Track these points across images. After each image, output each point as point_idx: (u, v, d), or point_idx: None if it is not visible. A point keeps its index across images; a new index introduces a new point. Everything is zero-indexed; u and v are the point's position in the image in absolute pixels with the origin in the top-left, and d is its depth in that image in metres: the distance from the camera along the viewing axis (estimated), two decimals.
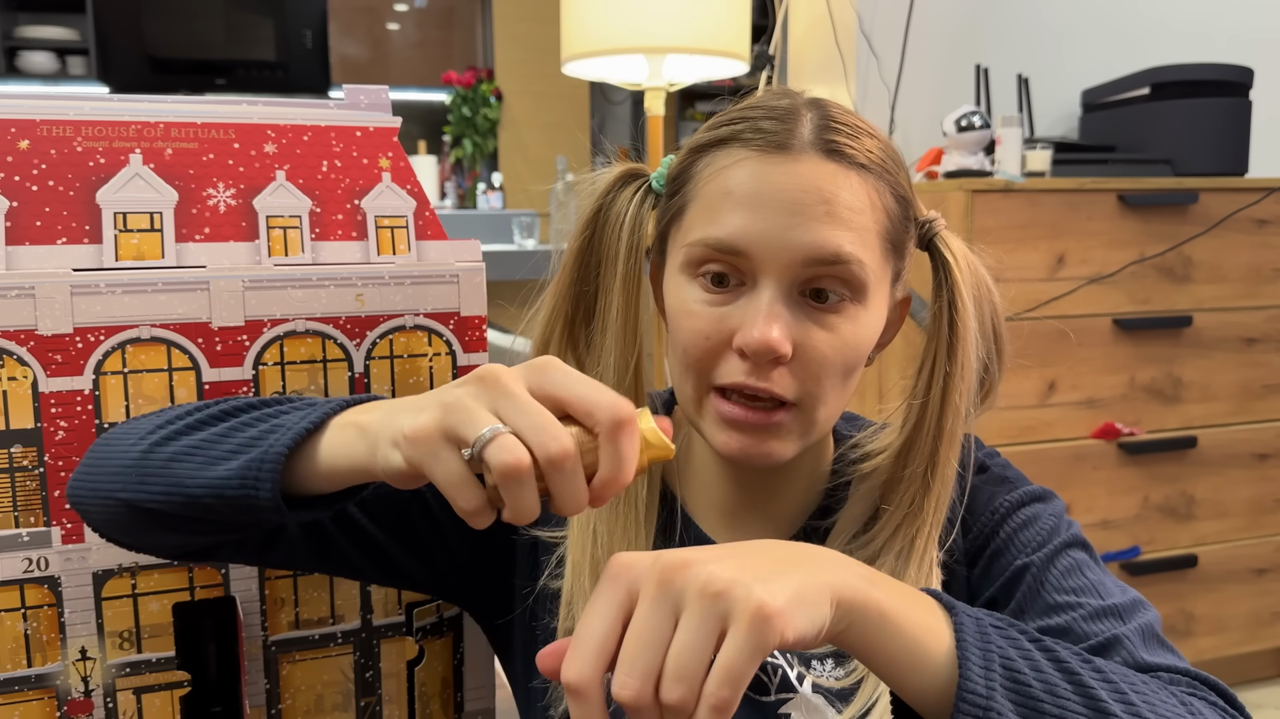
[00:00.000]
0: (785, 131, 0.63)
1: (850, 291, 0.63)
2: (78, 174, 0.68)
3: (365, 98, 0.76)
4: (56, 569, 0.67)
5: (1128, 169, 1.97)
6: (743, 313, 0.63)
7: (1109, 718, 0.49)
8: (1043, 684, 0.49)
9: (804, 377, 0.63)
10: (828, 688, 0.68)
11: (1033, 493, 0.71)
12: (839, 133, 0.63)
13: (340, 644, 0.76)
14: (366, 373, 0.74)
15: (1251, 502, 2.07)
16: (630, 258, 0.70)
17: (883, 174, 0.64)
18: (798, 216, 0.61)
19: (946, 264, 0.68)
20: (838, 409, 0.67)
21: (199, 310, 0.69)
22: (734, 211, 0.62)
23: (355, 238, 0.74)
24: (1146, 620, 0.64)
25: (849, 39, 2.15)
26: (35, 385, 0.66)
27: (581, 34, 1.87)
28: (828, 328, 0.63)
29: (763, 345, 0.60)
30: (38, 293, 0.65)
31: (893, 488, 0.70)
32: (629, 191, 0.71)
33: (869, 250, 0.63)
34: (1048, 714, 0.48)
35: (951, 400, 0.67)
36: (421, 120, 4.56)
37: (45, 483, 0.67)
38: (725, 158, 0.64)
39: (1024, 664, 0.49)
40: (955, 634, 0.49)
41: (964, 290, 0.67)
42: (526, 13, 4.43)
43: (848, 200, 0.62)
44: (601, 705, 0.43)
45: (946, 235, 0.69)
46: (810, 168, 0.62)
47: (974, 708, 0.47)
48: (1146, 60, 2.17)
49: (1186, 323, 1.96)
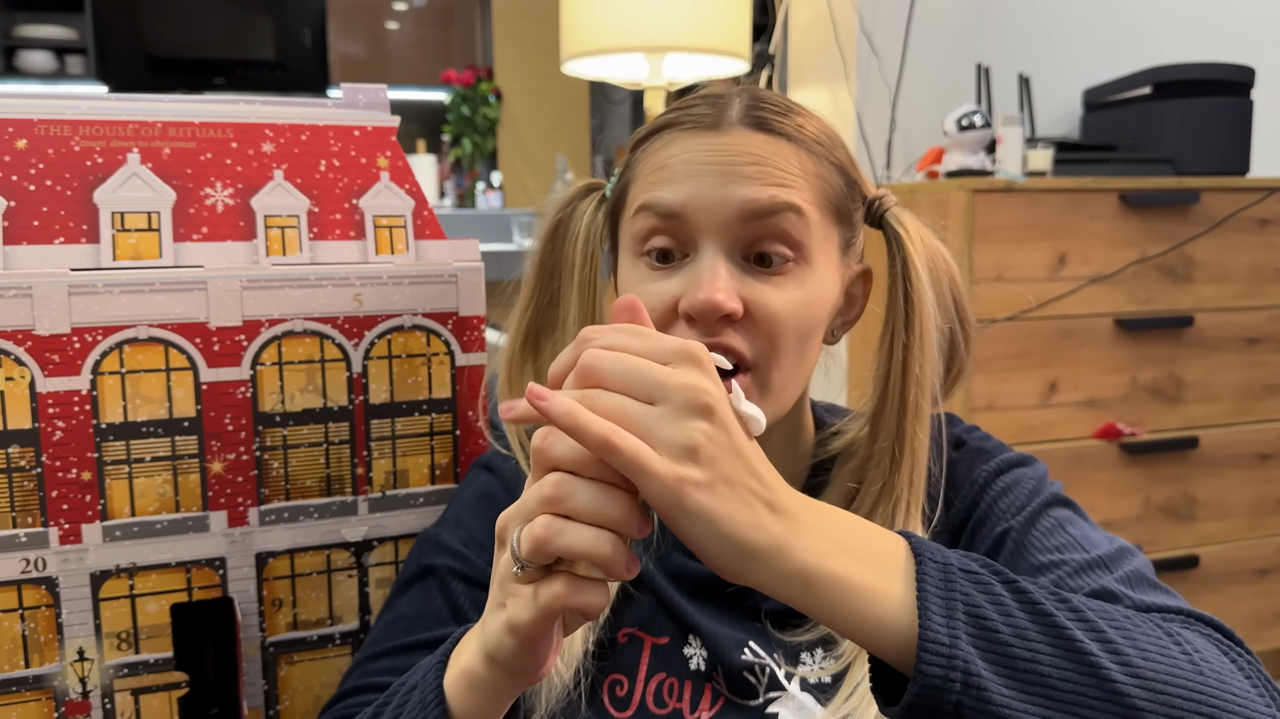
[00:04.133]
0: (715, 113, 0.66)
1: (793, 250, 0.63)
2: (75, 173, 0.68)
3: (363, 97, 0.76)
4: (54, 570, 0.67)
5: (1129, 169, 1.97)
6: (687, 279, 0.63)
7: (1086, 658, 0.48)
8: (1012, 629, 0.49)
9: (757, 335, 0.63)
10: (817, 681, 0.67)
11: (1011, 459, 0.71)
12: (766, 110, 0.66)
13: (338, 645, 0.76)
14: (365, 373, 0.74)
15: (1253, 502, 2.07)
16: (585, 265, 0.72)
17: (815, 146, 0.66)
18: (729, 176, 0.63)
19: (898, 235, 0.69)
20: (795, 380, 0.66)
21: (197, 310, 0.69)
22: (669, 182, 0.64)
23: (353, 237, 0.74)
24: (1134, 567, 0.63)
25: (849, 38, 2.14)
26: (33, 385, 0.65)
27: (581, 33, 1.87)
28: (776, 287, 0.63)
29: (707, 304, 0.61)
30: (35, 293, 0.65)
31: (864, 466, 0.70)
32: (586, 203, 0.74)
33: (807, 205, 0.64)
34: (1019, 659, 0.48)
35: (912, 371, 0.67)
36: (421, 119, 4.56)
37: (42, 483, 0.66)
38: (659, 141, 0.67)
39: (992, 609, 0.49)
40: (917, 585, 0.49)
41: (916, 261, 0.68)
42: (526, 11, 4.42)
43: (778, 162, 0.64)
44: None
45: (898, 211, 0.70)
46: (739, 138, 0.64)
47: (938, 658, 0.47)
48: (1148, 59, 2.17)
49: (1188, 323, 1.95)
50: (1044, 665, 0.48)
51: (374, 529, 0.76)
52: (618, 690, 0.68)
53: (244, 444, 0.71)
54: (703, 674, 0.68)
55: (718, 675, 0.67)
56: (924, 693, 0.47)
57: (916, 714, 0.48)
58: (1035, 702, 0.48)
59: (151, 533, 0.69)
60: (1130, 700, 0.48)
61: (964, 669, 0.47)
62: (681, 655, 0.68)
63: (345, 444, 0.74)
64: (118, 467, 0.68)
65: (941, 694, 0.47)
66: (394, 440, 0.76)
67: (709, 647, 0.68)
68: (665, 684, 0.68)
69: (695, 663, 0.68)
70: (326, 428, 0.74)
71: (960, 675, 0.47)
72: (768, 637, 0.68)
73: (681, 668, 0.68)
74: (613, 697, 0.67)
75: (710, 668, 0.68)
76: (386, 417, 0.76)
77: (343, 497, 0.75)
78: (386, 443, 0.76)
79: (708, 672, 0.68)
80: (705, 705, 0.67)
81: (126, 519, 0.68)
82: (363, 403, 0.75)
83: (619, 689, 0.68)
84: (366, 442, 0.75)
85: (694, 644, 0.68)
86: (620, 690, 0.68)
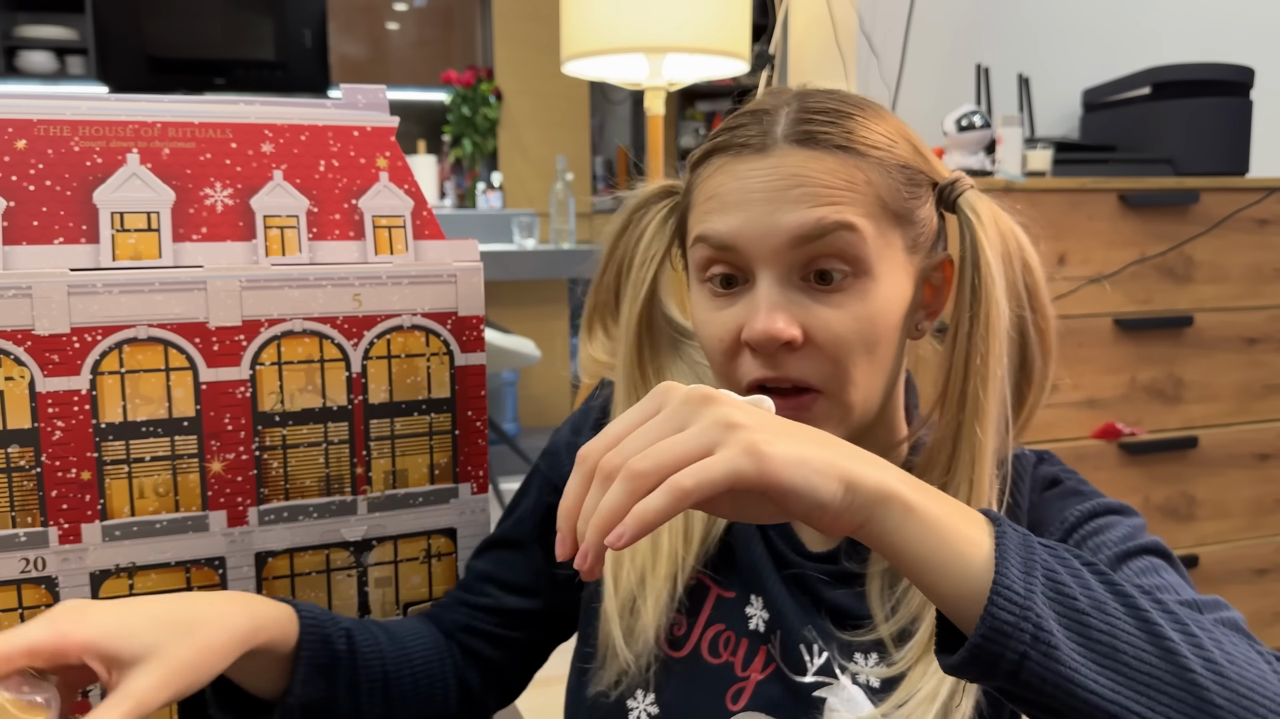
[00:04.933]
0: (760, 133, 0.65)
1: (850, 265, 0.63)
2: (75, 174, 0.68)
3: (363, 97, 0.76)
4: (54, 569, 0.67)
5: (1128, 169, 1.97)
6: (746, 308, 0.64)
7: (1165, 642, 0.46)
8: (1090, 600, 0.47)
9: (822, 359, 0.63)
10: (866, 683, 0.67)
11: (1108, 505, 0.68)
12: (813, 122, 0.64)
13: None
14: (364, 373, 0.74)
15: (1252, 502, 2.07)
16: (643, 267, 0.74)
17: (870, 151, 0.64)
18: (776, 203, 0.62)
19: (968, 220, 0.67)
20: (875, 388, 0.65)
21: (196, 310, 0.69)
22: (720, 212, 0.64)
23: (353, 237, 0.74)
24: (1229, 614, 0.60)
25: (849, 38, 2.14)
26: (32, 385, 0.65)
27: (581, 33, 1.87)
28: (835, 306, 0.63)
29: (765, 335, 0.61)
30: (35, 293, 0.65)
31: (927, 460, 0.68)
32: (658, 206, 0.75)
33: (861, 218, 0.63)
34: (1095, 629, 0.46)
35: (973, 362, 0.64)
36: (421, 120, 4.56)
37: (42, 483, 0.66)
38: (710, 168, 0.67)
39: (1070, 579, 0.47)
40: (996, 541, 0.47)
41: (986, 243, 0.65)
42: (526, 12, 4.42)
43: (824, 179, 0.63)
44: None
45: (972, 195, 0.68)
46: (784, 159, 0.63)
47: (1011, 604, 0.45)
48: (1147, 60, 2.17)
49: (1187, 323, 1.95)
50: (1120, 642, 0.46)
51: (373, 529, 0.76)
52: (676, 630, 0.71)
53: (243, 444, 0.71)
54: (760, 635, 0.69)
55: (774, 640, 0.69)
56: (990, 636, 0.45)
57: (978, 662, 0.46)
58: (1107, 674, 0.45)
59: (151, 532, 0.69)
60: (1208, 695, 0.46)
61: (1036, 623, 0.45)
62: (743, 614, 0.70)
63: (344, 444, 0.74)
64: (117, 466, 0.68)
65: (1008, 642, 0.45)
66: (393, 440, 0.76)
67: (771, 609, 0.69)
68: (723, 637, 0.70)
69: (755, 623, 0.70)
70: (326, 427, 0.74)
71: (1031, 628, 0.45)
72: (824, 632, 0.68)
73: (741, 624, 0.70)
74: (670, 635, 0.71)
75: (769, 631, 0.69)
76: (386, 416, 0.76)
77: (342, 496, 0.75)
78: (386, 443, 0.76)
79: (765, 634, 0.69)
80: (757, 667, 0.69)
81: (126, 519, 0.69)
82: (362, 403, 0.75)
83: (677, 629, 0.71)
84: (366, 441, 0.75)
85: (755, 604, 0.70)
86: (679, 630, 0.71)
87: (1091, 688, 0.45)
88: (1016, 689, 0.46)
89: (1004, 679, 0.46)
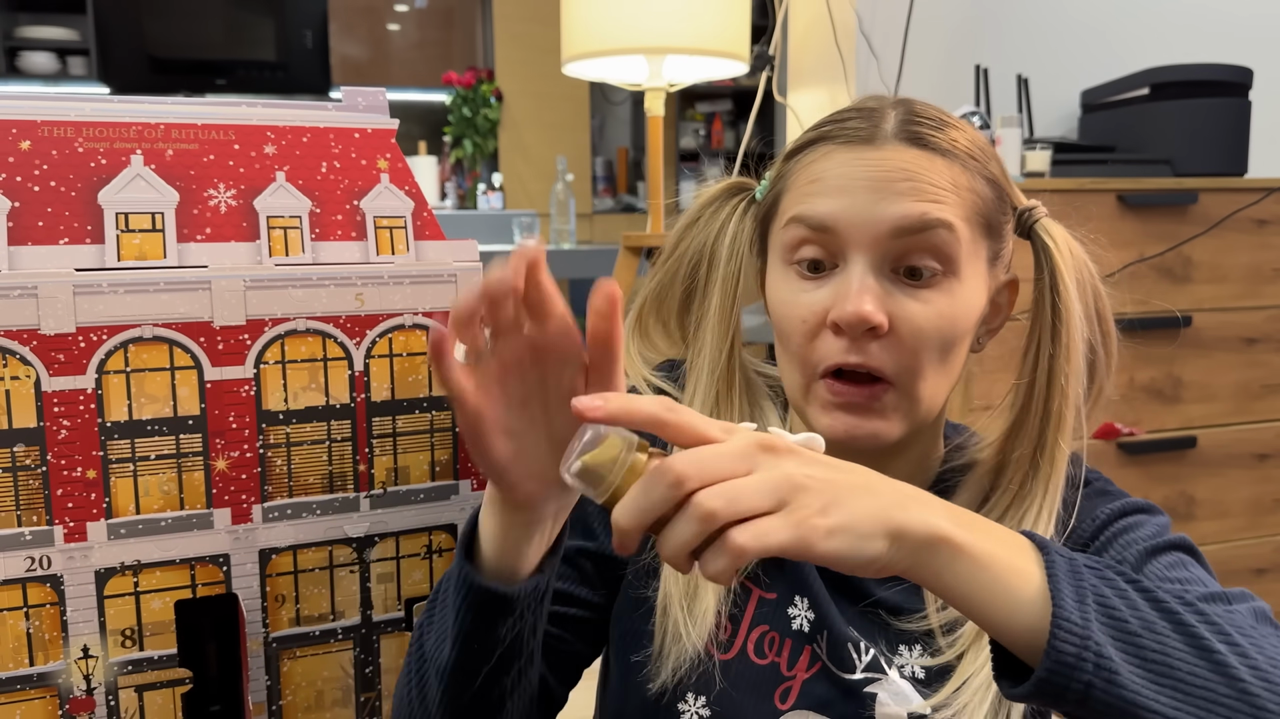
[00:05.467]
0: (870, 127, 0.66)
1: (941, 264, 0.64)
2: (79, 175, 0.68)
3: (363, 99, 0.77)
4: (59, 568, 0.68)
5: (1127, 169, 1.97)
6: (836, 291, 0.65)
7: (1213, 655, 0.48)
8: (1140, 621, 0.48)
9: (901, 350, 0.64)
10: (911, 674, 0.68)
11: (1136, 504, 0.71)
12: (922, 124, 0.66)
13: (340, 640, 0.76)
14: (366, 371, 0.75)
15: (1251, 502, 2.07)
16: (731, 260, 0.75)
17: (968, 160, 0.66)
18: (882, 193, 0.64)
19: (1047, 247, 0.69)
20: (941, 389, 0.67)
21: (201, 310, 0.70)
22: (822, 195, 0.65)
23: (354, 238, 0.75)
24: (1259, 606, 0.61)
25: (849, 39, 2.15)
26: (38, 385, 0.66)
27: (581, 34, 1.87)
28: (922, 301, 0.64)
29: (855, 317, 0.62)
30: (40, 293, 0.66)
31: (1000, 473, 0.70)
32: (733, 203, 0.76)
33: (958, 220, 0.64)
34: (1148, 650, 0.48)
35: (1057, 382, 0.67)
36: (422, 121, 4.56)
37: (48, 482, 0.67)
38: (814, 154, 0.68)
39: (1119, 601, 0.49)
40: (1046, 571, 0.49)
41: (1065, 272, 0.68)
42: (526, 13, 4.43)
43: (932, 179, 0.64)
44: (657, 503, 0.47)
45: (1047, 222, 0.71)
46: (894, 153, 0.65)
47: (1072, 636, 0.47)
48: (1146, 60, 2.17)
49: (1186, 323, 1.96)
50: (1173, 659, 0.48)
51: (376, 525, 0.77)
52: (721, 634, 0.71)
53: (248, 442, 0.72)
54: (805, 635, 0.70)
55: (820, 639, 0.69)
56: (1055, 669, 0.47)
57: (1045, 694, 0.47)
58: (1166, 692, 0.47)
59: (156, 530, 0.70)
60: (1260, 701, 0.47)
61: (1096, 651, 0.47)
62: (786, 614, 0.71)
63: (347, 441, 0.75)
64: (123, 465, 0.69)
65: (1073, 673, 0.46)
66: (395, 438, 0.77)
67: (816, 609, 0.70)
68: (768, 638, 0.71)
69: (799, 623, 0.70)
70: (329, 425, 0.74)
71: (1093, 657, 0.47)
72: (874, 624, 0.69)
73: (785, 625, 0.70)
74: (715, 639, 0.70)
75: (815, 631, 0.69)
76: (388, 414, 0.76)
77: (345, 493, 0.75)
78: (388, 440, 0.76)
79: (810, 634, 0.70)
80: (803, 667, 0.69)
81: (131, 517, 0.69)
82: (364, 400, 0.75)
83: (723, 633, 0.71)
84: (368, 439, 0.76)
85: (800, 605, 0.70)
86: (724, 634, 0.71)
87: (1154, 708, 0.47)
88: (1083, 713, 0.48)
89: (1071, 706, 0.48)
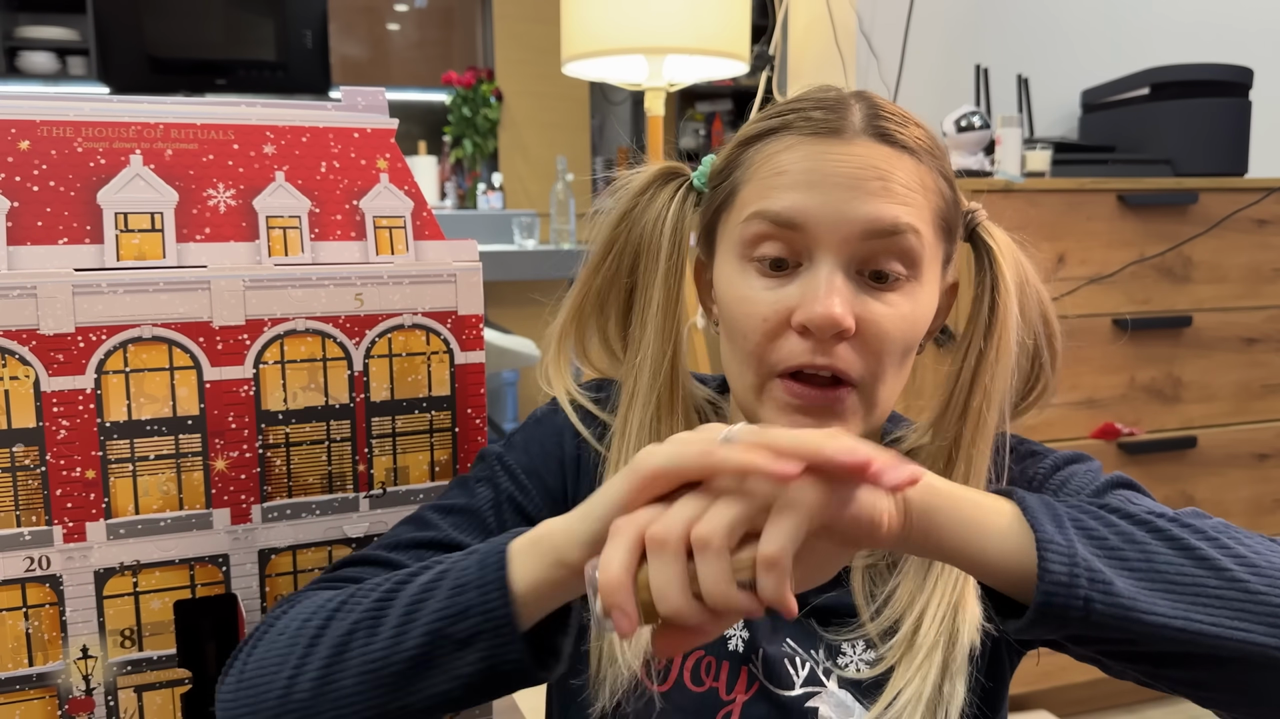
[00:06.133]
0: (837, 118, 0.64)
1: (907, 268, 0.63)
2: (78, 174, 0.68)
3: (363, 99, 0.77)
4: (58, 568, 0.68)
5: (1127, 169, 1.97)
6: (801, 290, 0.62)
7: (1195, 552, 0.49)
8: (1119, 535, 0.50)
9: (866, 353, 0.63)
10: (856, 678, 0.67)
11: (1065, 456, 0.70)
12: (889, 120, 0.65)
13: None
14: (366, 371, 0.75)
15: (1251, 502, 2.07)
16: (673, 253, 0.71)
17: (930, 158, 0.66)
18: (854, 191, 0.62)
19: (990, 249, 0.69)
20: (896, 392, 0.67)
21: (200, 310, 0.70)
22: (790, 189, 0.63)
23: (354, 238, 0.75)
24: (1216, 520, 0.63)
25: (849, 39, 2.15)
26: (37, 385, 0.66)
27: (581, 34, 1.87)
28: (887, 304, 0.63)
29: (826, 319, 0.60)
30: (40, 293, 0.66)
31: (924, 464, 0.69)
32: (669, 189, 0.72)
33: (924, 225, 0.64)
34: (1133, 560, 0.49)
35: (981, 380, 0.66)
36: (422, 120, 4.56)
37: (47, 482, 0.67)
38: (777, 143, 0.65)
39: (1094, 522, 0.50)
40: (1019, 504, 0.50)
41: (1006, 273, 0.67)
42: (526, 13, 4.43)
43: (902, 179, 0.63)
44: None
45: (989, 225, 0.70)
46: (864, 149, 0.63)
47: (1059, 556, 0.47)
48: (1146, 60, 2.18)
49: (1186, 323, 1.96)
50: (1159, 563, 0.49)
51: (375, 525, 0.77)
52: (656, 664, 0.68)
53: (247, 442, 0.72)
54: (740, 656, 0.68)
55: (755, 659, 0.68)
56: (1053, 591, 0.47)
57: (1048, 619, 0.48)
58: (1160, 595, 0.48)
59: (155, 530, 0.70)
60: (1250, 585, 0.48)
61: (1087, 566, 0.47)
62: (720, 636, 0.68)
63: (347, 441, 0.75)
64: (122, 465, 0.69)
65: (1071, 592, 0.47)
66: (394, 438, 0.77)
67: (749, 628, 0.68)
68: (704, 662, 0.69)
69: (734, 643, 0.69)
70: (328, 425, 0.74)
71: (1085, 572, 0.47)
72: (810, 633, 0.68)
73: (720, 647, 0.69)
74: (651, 670, 0.68)
75: (750, 650, 0.68)
76: (387, 414, 0.76)
77: (344, 493, 0.75)
78: (387, 440, 0.76)
79: (745, 654, 0.68)
80: (741, 688, 0.68)
81: (130, 517, 0.69)
82: (364, 401, 0.75)
83: (657, 663, 0.68)
84: (368, 439, 0.76)
85: (734, 626, 0.68)
86: (658, 664, 0.68)
87: (1156, 611, 0.47)
88: (1089, 632, 0.48)
89: (1076, 626, 0.48)
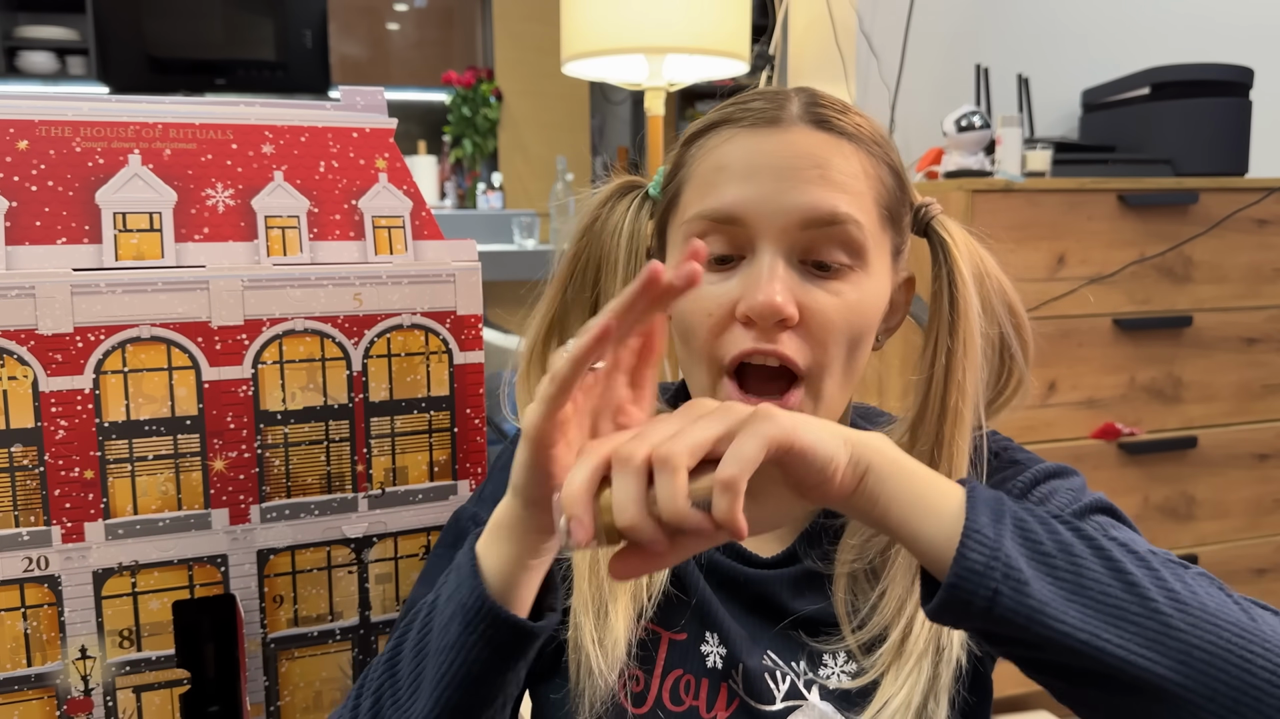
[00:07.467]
0: (774, 109, 0.65)
1: (850, 257, 0.63)
2: (77, 174, 0.68)
3: (362, 99, 0.76)
4: (56, 568, 0.68)
5: (1128, 169, 1.97)
6: (743, 282, 0.63)
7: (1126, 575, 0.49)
8: (1057, 544, 0.50)
9: (812, 342, 0.63)
10: (839, 689, 0.66)
11: (1046, 470, 0.69)
12: (827, 108, 0.65)
13: (339, 640, 0.76)
14: (364, 371, 0.75)
15: (1252, 502, 2.07)
16: (630, 262, 0.72)
17: (873, 146, 0.66)
18: (791, 180, 0.62)
19: (944, 242, 0.69)
20: (845, 387, 0.66)
21: (198, 310, 0.69)
22: (728, 183, 0.63)
23: (353, 238, 0.75)
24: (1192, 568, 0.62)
25: (849, 39, 2.15)
26: (35, 385, 0.66)
27: (581, 34, 1.87)
28: (831, 292, 0.63)
29: (767, 307, 0.60)
30: (38, 292, 0.66)
31: None
32: (626, 201, 0.73)
33: (865, 213, 0.63)
34: (1061, 570, 0.49)
35: (955, 377, 0.66)
36: (421, 120, 4.56)
37: (45, 482, 0.67)
38: (717, 138, 0.66)
39: (1039, 528, 0.50)
40: (968, 494, 0.50)
41: (963, 267, 0.67)
42: (526, 13, 4.43)
43: (840, 165, 0.63)
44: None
45: (943, 219, 0.70)
46: (801, 136, 0.63)
47: (981, 547, 0.48)
48: (1147, 60, 2.17)
49: (1187, 323, 1.96)
50: (1087, 578, 0.49)
51: (374, 525, 0.76)
52: (634, 686, 0.67)
53: (245, 442, 0.72)
54: (720, 673, 0.67)
55: (735, 675, 0.67)
56: (964, 576, 0.47)
57: (954, 604, 0.48)
58: (1075, 606, 0.48)
59: (154, 531, 0.70)
60: (1170, 621, 0.48)
61: (1006, 562, 0.48)
62: (699, 653, 0.68)
63: (345, 442, 0.75)
64: (120, 465, 0.68)
65: (980, 581, 0.47)
66: (393, 438, 0.76)
67: (727, 644, 0.67)
68: (682, 681, 0.67)
69: (712, 660, 0.68)
70: (327, 425, 0.74)
71: (1002, 567, 0.47)
72: (793, 643, 0.68)
73: (699, 665, 0.67)
74: (629, 692, 0.67)
75: (728, 666, 0.67)
76: (386, 414, 0.76)
77: (343, 493, 0.75)
78: (386, 440, 0.76)
79: (725, 670, 0.67)
80: (721, 705, 0.66)
81: (129, 517, 0.69)
82: (362, 401, 0.75)
83: (635, 685, 0.67)
84: (366, 439, 0.76)
85: (711, 641, 0.68)
86: (636, 686, 0.67)
87: (1064, 620, 0.48)
88: (992, 627, 0.48)
89: (979, 618, 0.48)
